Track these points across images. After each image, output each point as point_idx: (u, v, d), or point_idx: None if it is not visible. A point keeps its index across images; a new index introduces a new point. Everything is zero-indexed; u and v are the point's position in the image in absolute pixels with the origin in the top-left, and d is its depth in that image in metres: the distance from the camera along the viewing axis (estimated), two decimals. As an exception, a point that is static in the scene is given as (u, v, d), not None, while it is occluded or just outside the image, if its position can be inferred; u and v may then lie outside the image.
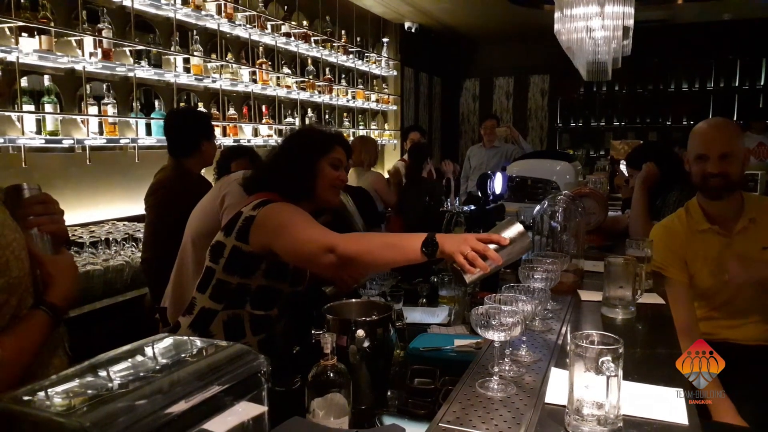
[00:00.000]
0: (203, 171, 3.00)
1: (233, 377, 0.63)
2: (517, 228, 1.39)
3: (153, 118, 3.76)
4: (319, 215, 2.71)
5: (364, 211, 3.17)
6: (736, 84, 7.70)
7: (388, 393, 1.47)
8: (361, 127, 6.64)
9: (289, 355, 1.71)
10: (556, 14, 3.72)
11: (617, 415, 1.01)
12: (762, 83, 7.57)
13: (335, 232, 1.54)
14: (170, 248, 2.38)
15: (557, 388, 1.20)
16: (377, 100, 6.95)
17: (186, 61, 4.09)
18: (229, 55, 4.52)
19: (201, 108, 4.19)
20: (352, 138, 6.17)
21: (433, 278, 2.37)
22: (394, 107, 7.39)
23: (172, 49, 3.93)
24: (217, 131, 4.39)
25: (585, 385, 1.01)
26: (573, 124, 8.65)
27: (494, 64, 8.98)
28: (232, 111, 4.54)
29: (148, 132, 3.77)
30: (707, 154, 2.02)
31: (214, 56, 4.35)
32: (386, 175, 5.07)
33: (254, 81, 4.75)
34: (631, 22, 3.68)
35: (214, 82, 4.29)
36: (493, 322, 1.19)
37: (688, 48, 7.59)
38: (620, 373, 0.99)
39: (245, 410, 0.65)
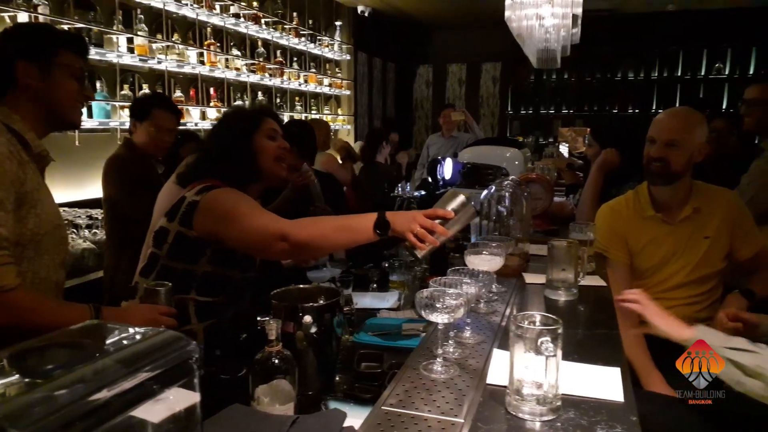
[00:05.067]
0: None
1: (162, 364, 0.60)
2: (460, 199, 1.47)
3: (94, 100, 3.61)
4: (275, 193, 2.66)
5: (330, 196, 3.16)
6: (679, 74, 7.95)
7: (336, 378, 1.46)
8: (313, 112, 6.56)
9: (236, 342, 1.68)
10: (507, 1, 3.75)
11: (555, 394, 1.04)
12: (702, 73, 7.84)
13: (284, 219, 1.53)
14: None
15: (499, 369, 1.22)
16: (330, 85, 6.88)
17: (129, 41, 3.93)
18: (176, 36, 4.38)
19: (145, 90, 4.05)
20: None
21: (384, 263, 2.38)
22: (348, 92, 7.33)
23: (115, 28, 3.77)
24: (163, 114, 4.26)
25: (525, 366, 1.02)
26: (523, 112, 8.78)
27: (447, 51, 9.01)
28: (178, 93, 4.41)
29: (89, 114, 3.62)
30: (655, 138, 2.08)
31: (159, 36, 4.20)
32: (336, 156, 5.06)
33: (202, 63, 4.62)
34: (579, 11, 3.74)
35: (159, 63, 4.15)
36: (437, 305, 1.19)
37: (635, 38, 7.79)
38: (559, 353, 1.01)
39: (176, 398, 0.63)
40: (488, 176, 3.42)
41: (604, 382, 1.19)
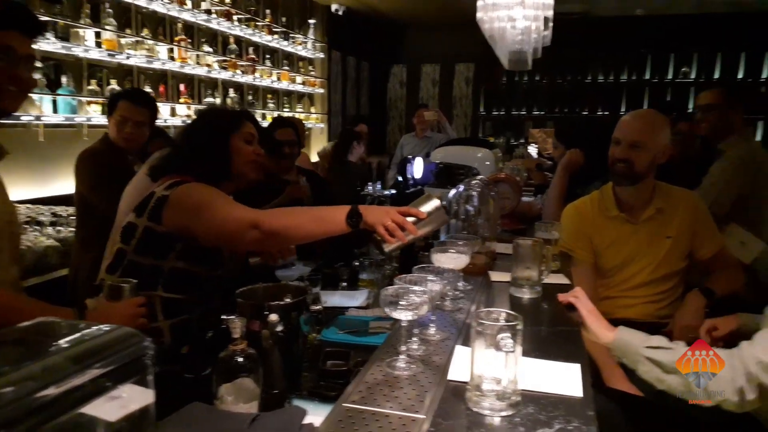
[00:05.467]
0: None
1: (113, 361, 0.60)
2: (434, 203, 1.51)
3: (59, 95, 3.54)
4: (264, 197, 2.67)
5: (315, 193, 3.15)
6: (647, 77, 8.12)
7: (303, 376, 1.46)
8: (286, 110, 6.52)
9: (202, 340, 1.67)
10: (479, 2, 3.78)
11: (514, 389, 1.05)
12: (670, 77, 8.01)
13: (256, 209, 1.54)
14: None
15: (461, 365, 1.23)
16: (303, 83, 6.84)
17: (97, 35, 3.86)
18: (146, 31, 4.31)
19: (114, 85, 3.98)
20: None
21: (354, 262, 2.38)
22: (321, 90, 7.30)
23: (82, 21, 3.69)
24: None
25: (485, 362, 1.04)
26: (495, 113, 8.86)
27: (421, 51, 9.04)
28: (147, 89, 4.32)
29: (55, 110, 3.55)
30: (620, 140, 2.12)
31: (128, 31, 4.13)
32: (316, 158, 5.05)
33: (172, 59, 4.56)
34: (550, 13, 3.79)
35: (128, 58, 4.08)
36: (402, 302, 1.20)
37: (605, 41, 7.91)
38: (518, 349, 1.03)
39: (128, 395, 0.62)
40: (460, 176, 3.45)
41: (564, 378, 1.21)
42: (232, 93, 5.46)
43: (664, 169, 2.19)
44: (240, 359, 1.14)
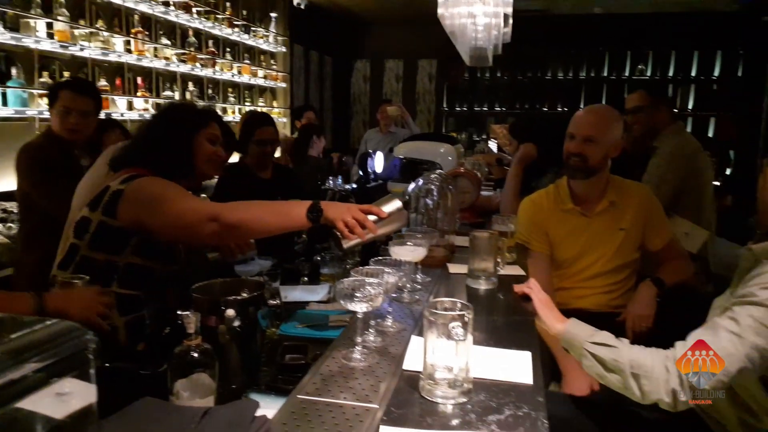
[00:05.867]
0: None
1: (53, 354, 0.59)
2: (396, 204, 1.53)
3: (9, 87, 3.42)
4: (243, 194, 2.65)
5: (293, 191, 3.12)
6: (605, 74, 8.29)
7: (263, 370, 1.45)
8: (247, 104, 6.44)
9: (158, 337, 1.65)
10: (440, -2, 3.80)
11: (466, 377, 1.07)
12: (627, 74, 8.21)
13: (214, 202, 1.52)
14: None
15: (416, 355, 1.24)
16: (265, 77, 6.76)
17: (49, 26, 3.74)
18: (100, 22, 4.19)
19: (66, 77, 3.86)
20: (239, 114, 6.00)
21: (315, 257, 2.37)
22: (284, 85, 7.23)
23: (33, 12, 3.58)
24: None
25: (437, 351, 1.05)
26: (458, 109, 8.93)
27: (385, 47, 9.03)
28: (103, 82, 4.22)
29: (4, 102, 3.43)
30: (574, 134, 2.17)
31: (82, 22, 4.02)
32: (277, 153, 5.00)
33: (129, 51, 4.45)
34: (510, 10, 3.83)
35: (82, 50, 3.97)
36: (358, 294, 1.21)
37: (564, 39, 8.04)
38: (469, 337, 1.05)
39: (69, 390, 0.61)
40: (423, 171, 3.48)
41: (515, 366, 1.24)
42: (191, 86, 5.36)
43: (618, 163, 2.25)
44: (195, 354, 1.13)
